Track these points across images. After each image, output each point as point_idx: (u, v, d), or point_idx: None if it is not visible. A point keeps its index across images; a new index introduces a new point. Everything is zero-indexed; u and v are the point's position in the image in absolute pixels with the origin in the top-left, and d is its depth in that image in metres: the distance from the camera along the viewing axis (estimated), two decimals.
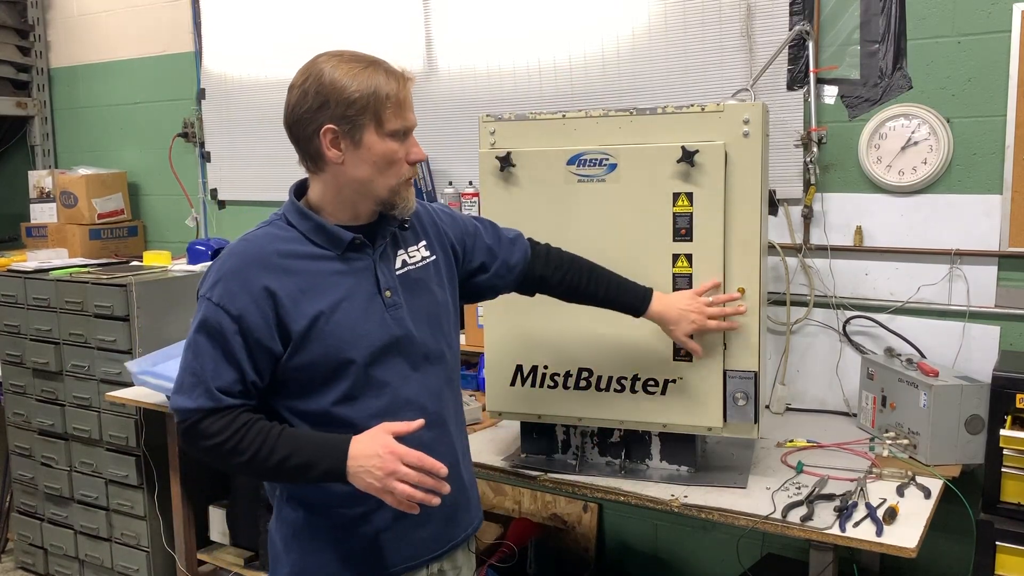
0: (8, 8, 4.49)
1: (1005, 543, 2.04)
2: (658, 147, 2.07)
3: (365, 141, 1.57)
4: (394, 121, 1.58)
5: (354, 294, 1.61)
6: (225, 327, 1.53)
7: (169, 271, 3.61)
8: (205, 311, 1.56)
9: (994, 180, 2.41)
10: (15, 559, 4.02)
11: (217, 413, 1.53)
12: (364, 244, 1.63)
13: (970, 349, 2.47)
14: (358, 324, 1.60)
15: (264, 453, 1.52)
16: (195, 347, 1.56)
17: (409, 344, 1.66)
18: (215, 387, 1.53)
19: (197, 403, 1.53)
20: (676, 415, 2.14)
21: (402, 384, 1.65)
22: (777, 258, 2.68)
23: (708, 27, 2.74)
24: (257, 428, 1.54)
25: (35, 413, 3.71)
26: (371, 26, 3.41)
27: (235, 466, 1.57)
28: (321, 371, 1.59)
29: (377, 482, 1.49)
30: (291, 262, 1.58)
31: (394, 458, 1.49)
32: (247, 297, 1.54)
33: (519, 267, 1.93)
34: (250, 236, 1.63)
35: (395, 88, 1.58)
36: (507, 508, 3.33)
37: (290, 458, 1.52)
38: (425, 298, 1.72)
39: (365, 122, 1.56)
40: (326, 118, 1.55)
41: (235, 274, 1.56)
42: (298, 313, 1.56)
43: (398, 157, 1.60)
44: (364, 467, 1.50)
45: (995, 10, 2.37)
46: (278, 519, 1.73)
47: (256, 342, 1.54)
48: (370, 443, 1.51)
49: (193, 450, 1.58)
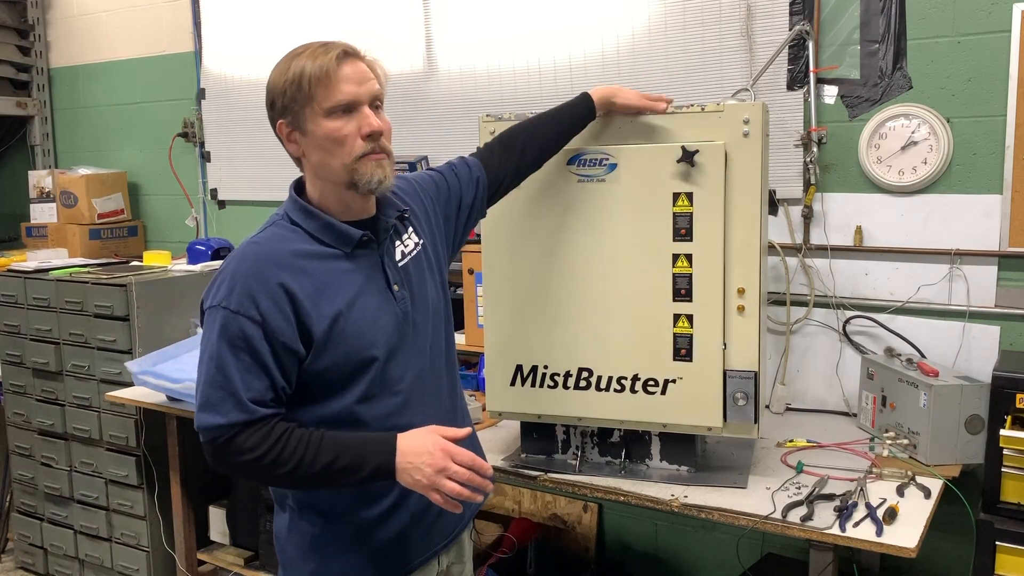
0: (8, 8, 4.49)
1: (1005, 543, 2.04)
2: (658, 147, 2.07)
3: (308, 127, 1.55)
4: (326, 99, 1.52)
5: (366, 291, 1.59)
6: (249, 333, 1.48)
7: (169, 271, 3.61)
8: (224, 320, 1.49)
9: (994, 180, 2.41)
10: (15, 559, 4.02)
11: (253, 426, 1.48)
12: (371, 240, 1.62)
13: (970, 349, 2.47)
14: (376, 321, 1.59)
15: (308, 460, 1.48)
16: (218, 360, 1.48)
17: (418, 337, 1.66)
18: (247, 398, 1.47)
19: (229, 418, 1.47)
20: (676, 415, 2.14)
21: (415, 379, 1.65)
22: (777, 258, 2.68)
23: (708, 27, 2.74)
24: (297, 436, 1.49)
25: (35, 413, 3.71)
26: (371, 26, 3.41)
27: (277, 477, 1.51)
28: (343, 372, 1.56)
29: (426, 479, 1.47)
30: (304, 262, 1.55)
31: (445, 455, 1.48)
32: (267, 299, 1.49)
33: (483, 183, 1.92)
34: (258, 238, 1.58)
35: (318, 65, 1.51)
36: (507, 508, 3.33)
37: (336, 461, 1.49)
38: (425, 288, 1.72)
39: (300, 108, 1.54)
40: (276, 115, 1.58)
41: (251, 277, 1.50)
42: (317, 314, 1.52)
43: (343, 134, 1.53)
44: (414, 464, 1.48)
45: (995, 10, 2.37)
46: (291, 528, 1.68)
47: (282, 346, 1.50)
48: (420, 440, 1.50)
49: (227, 467, 1.52)
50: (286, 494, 1.68)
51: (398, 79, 3.31)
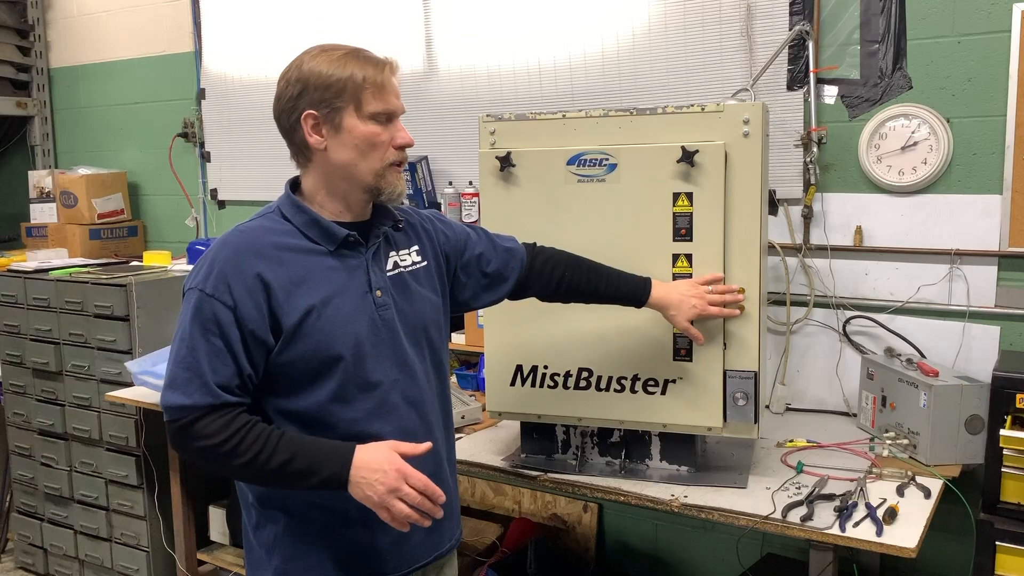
0: (8, 8, 4.49)
1: (1005, 543, 2.04)
2: (658, 147, 2.07)
3: (345, 124, 1.57)
4: (374, 103, 1.58)
5: (345, 291, 1.60)
6: (221, 318, 1.50)
7: (169, 271, 3.61)
8: (198, 302, 1.52)
9: (994, 180, 2.41)
10: (15, 559, 4.02)
11: (216, 412, 1.50)
12: (357, 242, 1.63)
13: (970, 349, 2.47)
14: (348, 321, 1.59)
15: (264, 456, 1.49)
16: (189, 340, 1.51)
17: (398, 346, 1.65)
18: (213, 382, 1.49)
19: (193, 400, 1.49)
20: (676, 415, 2.14)
21: (391, 386, 1.64)
22: (777, 258, 2.68)
23: (708, 27, 2.74)
24: (257, 430, 1.51)
25: (35, 413, 3.71)
26: (371, 26, 3.41)
27: (230, 468, 1.52)
28: (310, 367, 1.57)
29: (376, 496, 1.48)
30: (284, 254, 1.57)
31: (399, 476, 1.49)
32: (241, 287, 1.52)
33: (515, 274, 1.91)
34: (244, 227, 1.62)
35: (373, 72, 1.58)
36: (507, 508, 3.33)
37: (291, 462, 1.50)
38: (415, 302, 1.71)
39: (343, 105, 1.56)
40: (306, 104, 1.57)
41: (228, 263, 1.53)
42: (290, 306, 1.54)
43: (380, 140, 1.59)
44: (367, 479, 1.49)
45: (995, 10, 2.37)
46: (258, 525, 1.69)
47: (251, 333, 1.52)
48: (376, 456, 1.50)
49: (185, 451, 1.53)
50: (246, 492, 1.69)
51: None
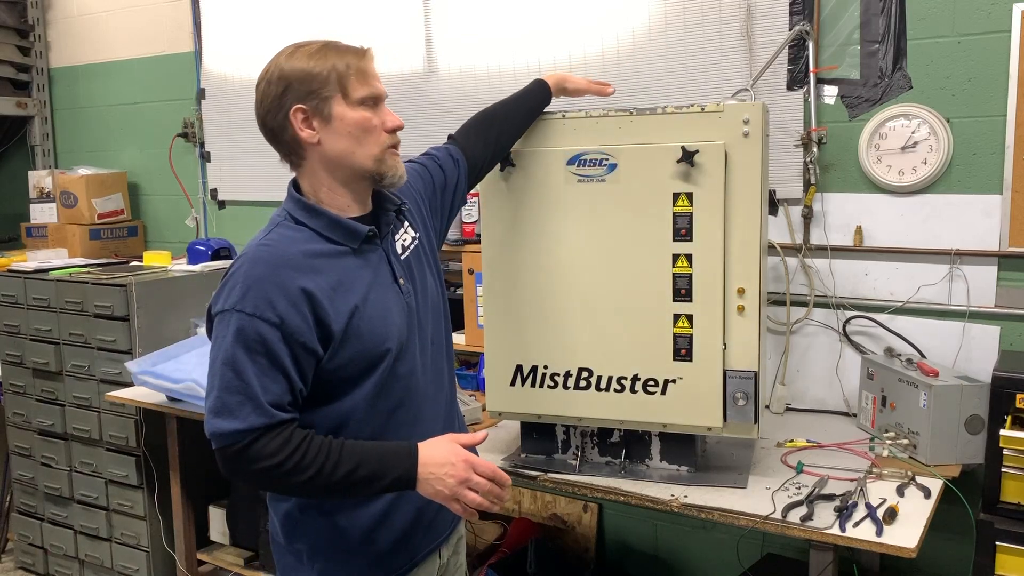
0: (8, 8, 4.49)
1: (1005, 543, 2.04)
2: (658, 147, 2.07)
3: (335, 113, 1.56)
4: (360, 89, 1.57)
5: (376, 285, 1.60)
6: (267, 336, 1.45)
7: (169, 271, 3.61)
8: (239, 324, 1.46)
9: (994, 180, 2.41)
10: (15, 559, 4.02)
11: (272, 431, 1.45)
12: (375, 235, 1.63)
13: (970, 349, 2.47)
14: (387, 314, 1.59)
15: (328, 468, 1.46)
16: (234, 364, 1.45)
17: (421, 332, 1.67)
18: (266, 401, 1.45)
19: (248, 422, 1.44)
20: (676, 415, 2.14)
21: (416, 375, 1.66)
22: (777, 258, 2.68)
23: (708, 27, 2.74)
24: (317, 443, 1.48)
25: (35, 413, 3.71)
26: (371, 26, 3.41)
27: (293, 485, 1.49)
28: (359, 367, 1.56)
29: (447, 490, 1.49)
30: (316, 261, 1.54)
31: (467, 467, 1.50)
32: (284, 301, 1.47)
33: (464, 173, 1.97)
34: (267, 240, 1.56)
35: (354, 59, 1.58)
36: (507, 508, 3.33)
37: (357, 470, 1.48)
38: (425, 282, 1.73)
39: (331, 94, 1.56)
40: (292, 99, 1.56)
41: (265, 280, 1.48)
42: (335, 311, 1.52)
43: (372, 124, 1.59)
44: (435, 474, 1.50)
45: (995, 10, 2.37)
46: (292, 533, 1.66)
47: (301, 346, 1.48)
48: (441, 451, 1.52)
49: (242, 475, 1.49)
50: (279, 499, 1.66)
51: (398, 79, 3.31)
